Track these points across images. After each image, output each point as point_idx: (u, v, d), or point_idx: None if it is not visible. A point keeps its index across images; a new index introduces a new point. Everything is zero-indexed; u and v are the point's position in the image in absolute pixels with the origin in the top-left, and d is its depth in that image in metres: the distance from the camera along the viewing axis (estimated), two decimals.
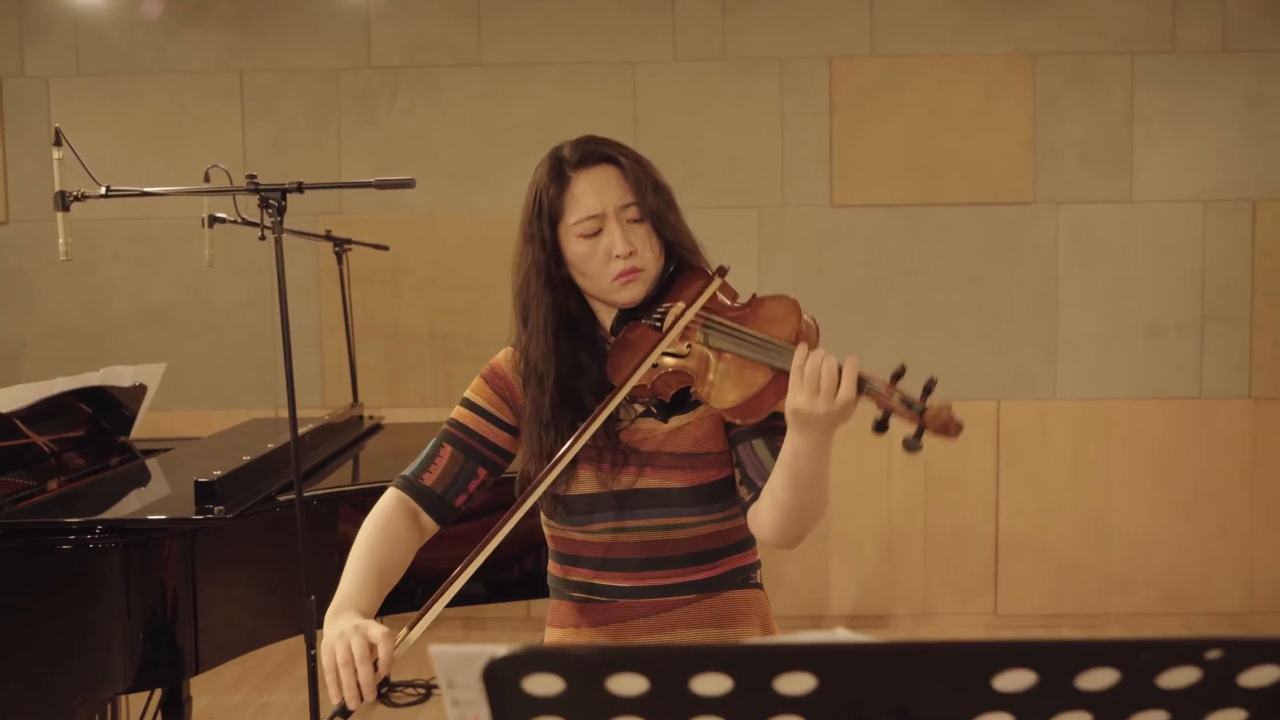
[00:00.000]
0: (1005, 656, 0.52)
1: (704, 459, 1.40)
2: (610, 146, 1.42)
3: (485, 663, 0.52)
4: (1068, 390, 4.13)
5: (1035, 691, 0.54)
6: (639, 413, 1.42)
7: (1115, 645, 0.51)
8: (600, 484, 1.41)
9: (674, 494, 1.40)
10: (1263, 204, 4.09)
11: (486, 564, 1.35)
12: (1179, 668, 0.52)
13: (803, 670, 0.52)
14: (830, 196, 4.09)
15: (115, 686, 1.94)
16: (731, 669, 0.52)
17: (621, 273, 1.38)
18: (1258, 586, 4.15)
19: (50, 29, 4.08)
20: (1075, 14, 4.05)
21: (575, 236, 1.40)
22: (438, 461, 1.49)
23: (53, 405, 2.43)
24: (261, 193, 1.97)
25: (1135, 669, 0.52)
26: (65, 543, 1.93)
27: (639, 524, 1.41)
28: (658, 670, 0.52)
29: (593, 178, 1.40)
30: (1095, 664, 0.52)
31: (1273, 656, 0.52)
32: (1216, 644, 0.51)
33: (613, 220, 1.38)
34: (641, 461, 1.40)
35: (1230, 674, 0.53)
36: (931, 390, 1.14)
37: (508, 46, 4.08)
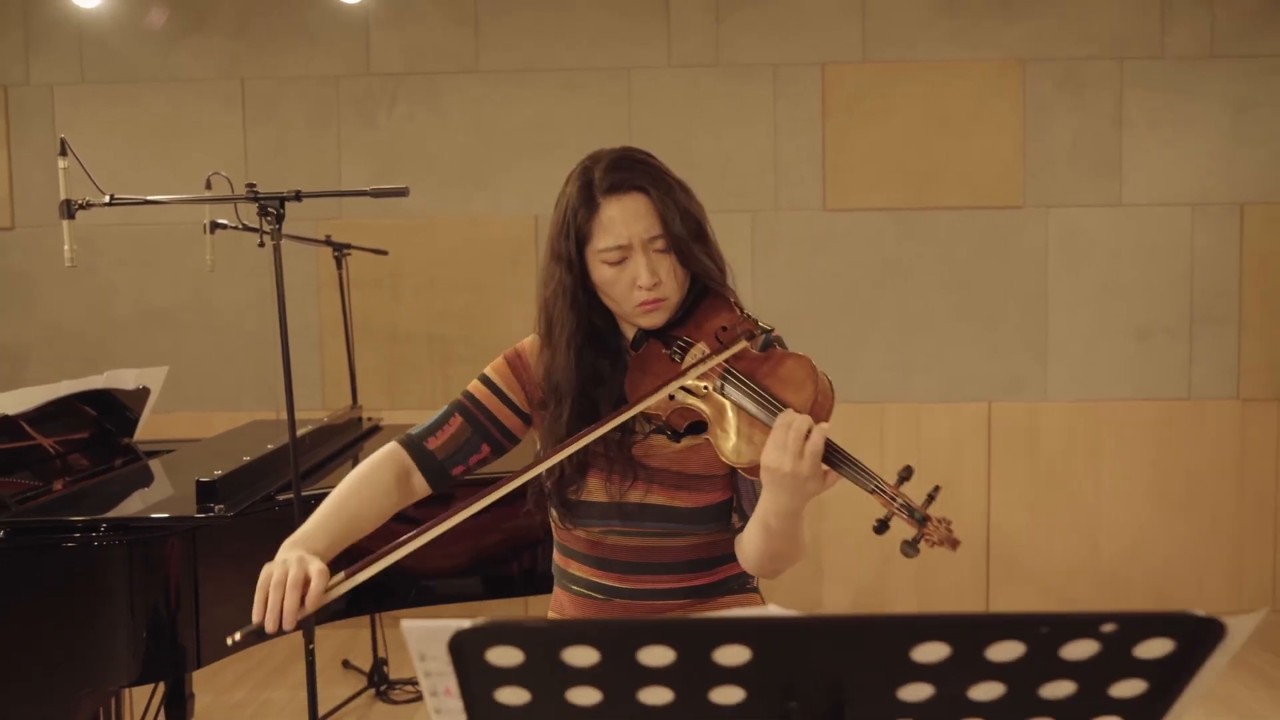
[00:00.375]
0: (919, 630, 0.57)
1: (710, 481, 1.43)
2: (641, 173, 1.40)
3: (450, 635, 0.58)
4: (1058, 392, 4.18)
5: (950, 663, 0.59)
6: (651, 429, 1.45)
7: (1017, 618, 0.57)
8: (608, 495, 1.44)
9: (676, 512, 1.43)
10: (1251, 207, 4.14)
11: (484, 560, 1.39)
12: (1078, 640, 0.58)
13: (738, 643, 0.58)
14: (823, 200, 4.15)
15: (119, 680, 1.99)
16: (673, 641, 0.58)
17: (644, 302, 1.39)
18: (1247, 585, 4.20)
19: (55, 37, 4.15)
20: (1065, 20, 4.11)
21: (601, 262, 1.39)
22: (445, 429, 1.50)
23: (58, 408, 2.49)
24: (261, 201, 2.02)
25: (1038, 641, 0.58)
26: (71, 540, 1.99)
27: (639, 530, 1.45)
28: (607, 642, 0.58)
29: (622, 206, 1.38)
30: (1001, 637, 0.58)
31: (1163, 630, 0.58)
32: (1110, 618, 0.56)
33: (639, 251, 1.37)
34: (649, 477, 1.43)
35: (1126, 646, 0.58)
36: (934, 499, 1.18)
37: (505, 53, 4.14)
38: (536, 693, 0.61)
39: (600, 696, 0.61)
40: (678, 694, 0.61)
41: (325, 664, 3.78)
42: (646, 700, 0.61)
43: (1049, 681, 0.61)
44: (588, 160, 1.44)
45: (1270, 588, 4.20)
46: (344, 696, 3.50)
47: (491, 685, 0.61)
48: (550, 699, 0.62)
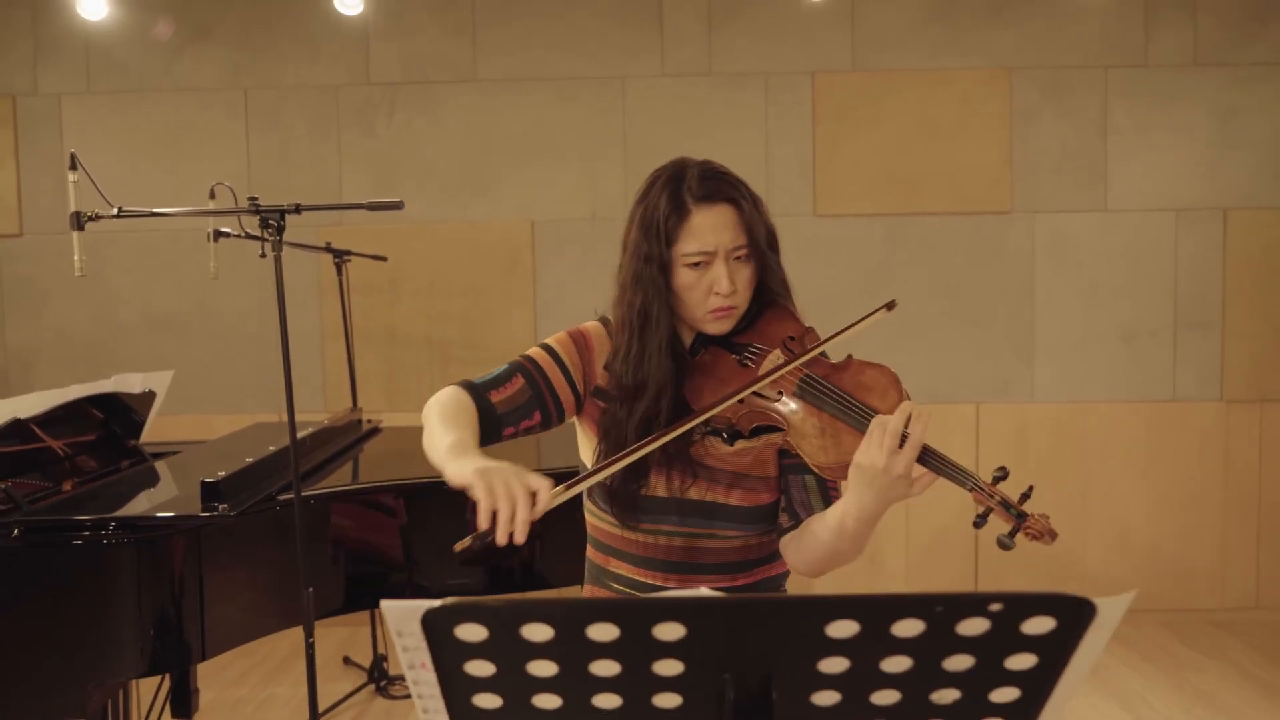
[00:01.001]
0: (831, 609, 0.66)
1: (761, 481, 1.50)
2: (731, 185, 1.46)
3: (423, 613, 0.66)
4: (1045, 394, 4.26)
5: (861, 638, 0.68)
6: (708, 431, 1.50)
7: (915, 599, 0.65)
8: (669, 491, 1.50)
9: (729, 510, 1.49)
10: (1234, 212, 4.22)
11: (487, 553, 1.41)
12: (971, 618, 0.66)
13: (673, 620, 0.66)
14: (814, 206, 4.23)
15: (128, 671, 2.08)
16: (617, 619, 0.66)
17: (717, 309, 1.46)
18: (1231, 584, 4.28)
19: (62, 48, 4.24)
20: (1050, 29, 4.19)
21: (683, 265, 1.45)
22: (508, 386, 1.51)
23: (67, 411, 2.57)
24: (262, 214, 2.11)
25: (936, 619, 0.66)
26: (81, 539, 2.08)
27: (690, 530, 1.51)
28: (559, 620, 0.66)
29: (713, 215, 1.43)
30: (903, 615, 0.66)
31: (1043, 609, 0.66)
32: (997, 598, 0.65)
33: (721, 259, 1.43)
34: (708, 476, 1.50)
35: (1014, 623, 0.67)
36: (1029, 497, 1.27)
37: (502, 63, 4.23)
38: (500, 665, 0.70)
39: (556, 668, 0.70)
40: (624, 665, 0.69)
41: (326, 661, 3.87)
42: (597, 671, 0.70)
43: (950, 655, 0.69)
44: (673, 168, 1.50)
45: (1254, 586, 4.28)
46: (344, 692, 3.59)
47: (461, 658, 0.70)
48: (512, 670, 0.70)
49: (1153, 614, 4.27)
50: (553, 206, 4.25)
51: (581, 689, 0.71)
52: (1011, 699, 0.72)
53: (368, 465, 3.06)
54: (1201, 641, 4.05)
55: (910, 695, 0.72)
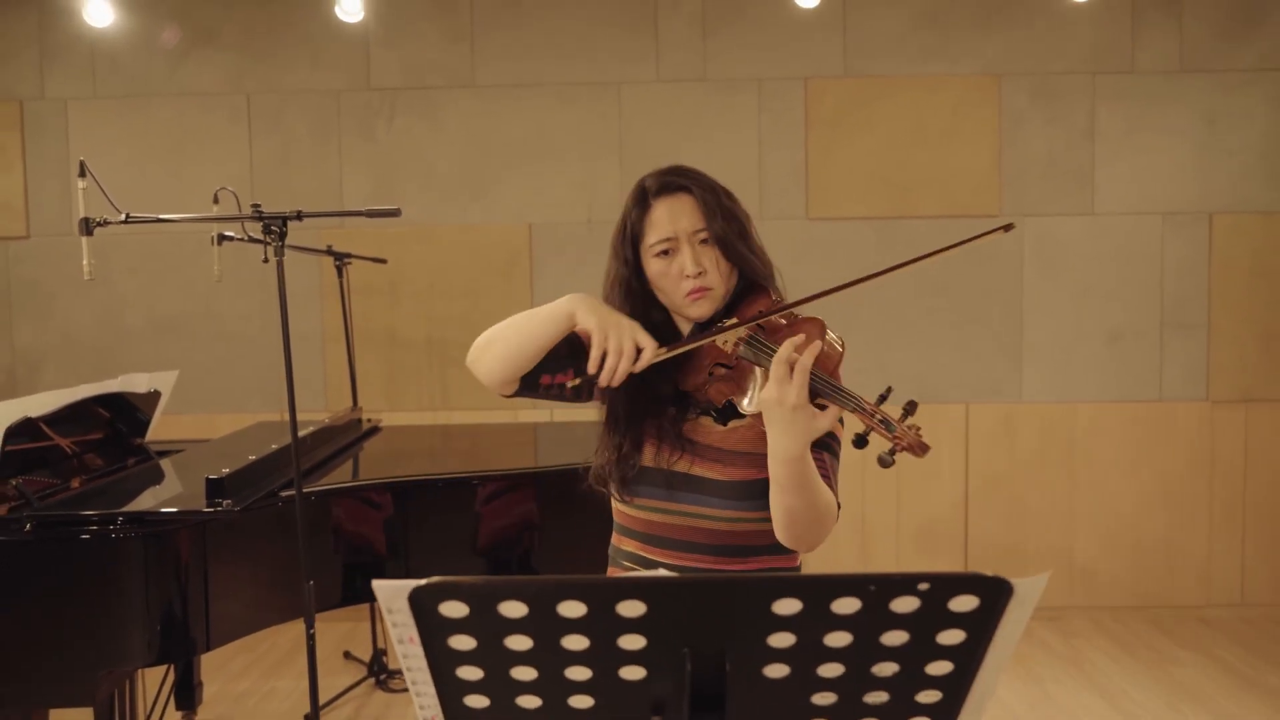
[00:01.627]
0: (774, 588, 0.73)
1: (747, 458, 1.57)
2: (688, 177, 1.58)
3: (410, 591, 0.74)
4: (1033, 394, 4.34)
5: (804, 615, 0.75)
6: (700, 411, 1.60)
7: (849, 578, 0.73)
8: (656, 462, 1.60)
9: (713, 484, 1.57)
10: (1219, 216, 4.29)
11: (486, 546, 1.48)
12: (902, 597, 0.74)
13: (635, 599, 0.74)
14: (806, 210, 4.31)
15: (135, 661, 2.16)
16: (584, 597, 0.74)
17: (691, 290, 1.55)
18: (1216, 581, 4.35)
19: (68, 54, 4.32)
20: (1039, 35, 4.26)
21: (652, 256, 1.56)
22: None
23: (74, 410, 2.64)
24: (264, 220, 2.19)
25: (870, 597, 0.74)
26: (90, 533, 2.16)
27: (680, 508, 1.59)
28: (532, 598, 0.74)
29: (669, 205, 1.56)
30: (840, 594, 0.74)
31: (966, 588, 0.73)
32: (924, 578, 0.72)
33: (685, 243, 1.54)
34: (695, 451, 1.59)
35: (941, 601, 0.74)
36: (911, 413, 1.33)
37: (500, 69, 4.31)
38: (480, 639, 0.77)
39: (531, 642, 0.77)
40: (592, 640, 0.77)
41: (326, 655, 3.94)
42: (568, 645, 0.77)
43: (886, 630, 0.77)
44: (645, 175, 1.63)
45: (1238, 583, 4.35)
46: (345, 685, 3.67)
47: (445, 633, 0.77)
48: (492, 644, 0.78)
49: (1139, 610, 4.34)
50: (550, 210, 4.33)
51: (555, 661, 0.78)
52: (945, 672, 0.80)
53: (368, 463, 3.13)
54: (1187, 637, 4.12)
55: (853, 668, 0.79)
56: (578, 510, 2.76)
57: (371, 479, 2.68)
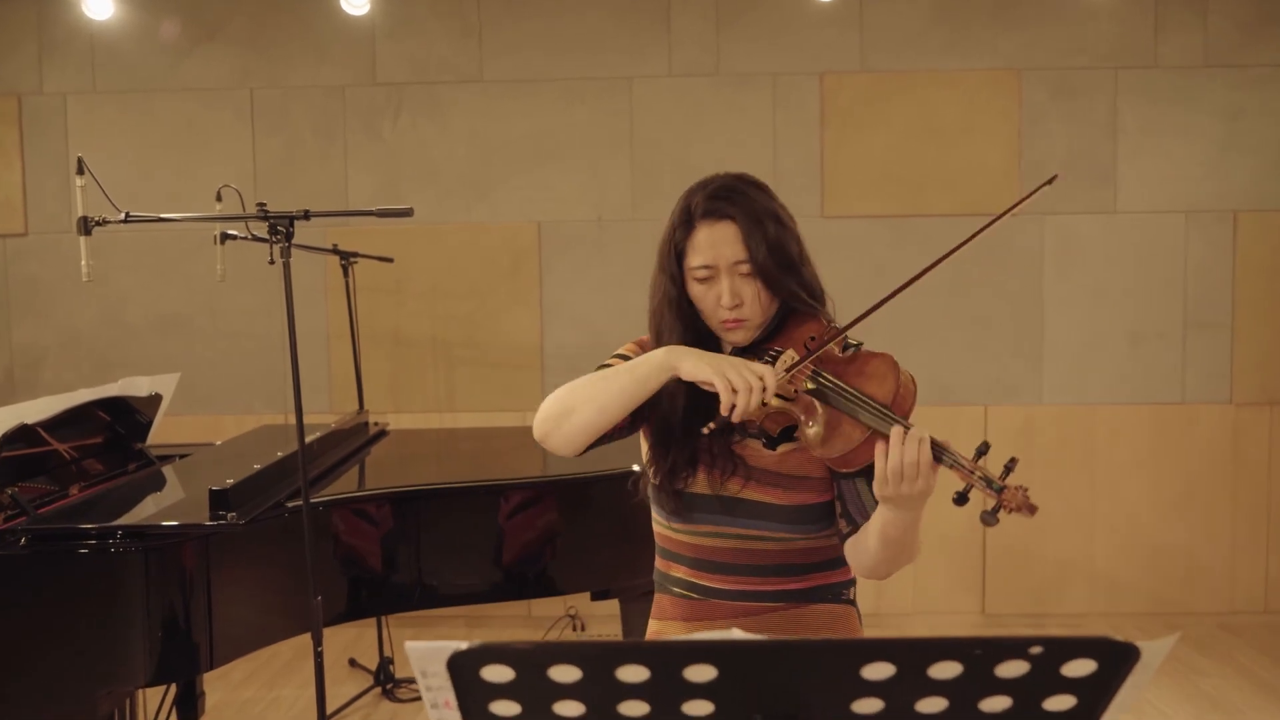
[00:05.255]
0: (866, 652, 0.64)
1: (805, 482, 1.51)
2: (737, 203, 1.50)
3: (449, 655, 0.65)
4: (1053, 395, 4.25)
5: (897, 680, 0.66)
6: (748, 434, 1.54)
7: (954, 642, 0.64)
8: (710, 487, 1.54)
9: (773, 509, 1.52)
10: (1243, 214, 4.20)
11: (504, 560, 1.42)
12: (1010, 661, 0.65)
13: (705, 663, 0.65)
14: (821, 207, 4.21)
15: (136, 680, 2.07)
16: (647, 661, 0.65)
17: (726, 320, 1.51)
18: (1239, 588, 4.26)
19: (68, 47, 4.23)
20: (1059, 30, 4.17)
21: (693, 279, 1.52)
22: None
23: (73, 413, 2.56)
24: (271, 220, 2.10)
25: (974, 661, 0.65)
26: (89, 547, 2.07)
27: (736, 531, 1.54)
28: (588, 662, 0.65)
29: (712, 232, 1.50)
30: (940, 658, 0.65)
31: (1084, 652, 0.65)
32: (1037, 641, 0.63)
33: (724, 273, 1.49)
34: (748, 474, 1.53)
35: (1053, 666, 0.66)
36: (1012, 469, 1.28)
37: (507, 64, 4.21)
38: (526, 705, 0.69)
39: (584, 709, 0.69)
40: (654, 706, 0.68)
41: (332, 663, 3.86)
42: (626, 712, 0.69)
43: (987, 697, 0.68)
44: (697, 185, 1.56)
45: (1262, 590, 4.27)
46: (350, 695, 3.58)
47: (486, 699, 0.68)
48: (539, 710, 0.69)
49: (1160, 617, 4.25)
50: (558, 208, 4.23)
51: None
52: None
53: (376, 470, 3.05)
54: (1210, 645, 4.03)
55: None
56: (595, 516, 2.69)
57: (382, 488, 2.59)
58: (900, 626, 4.25)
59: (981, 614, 4.27)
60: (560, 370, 4.18)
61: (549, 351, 4.21)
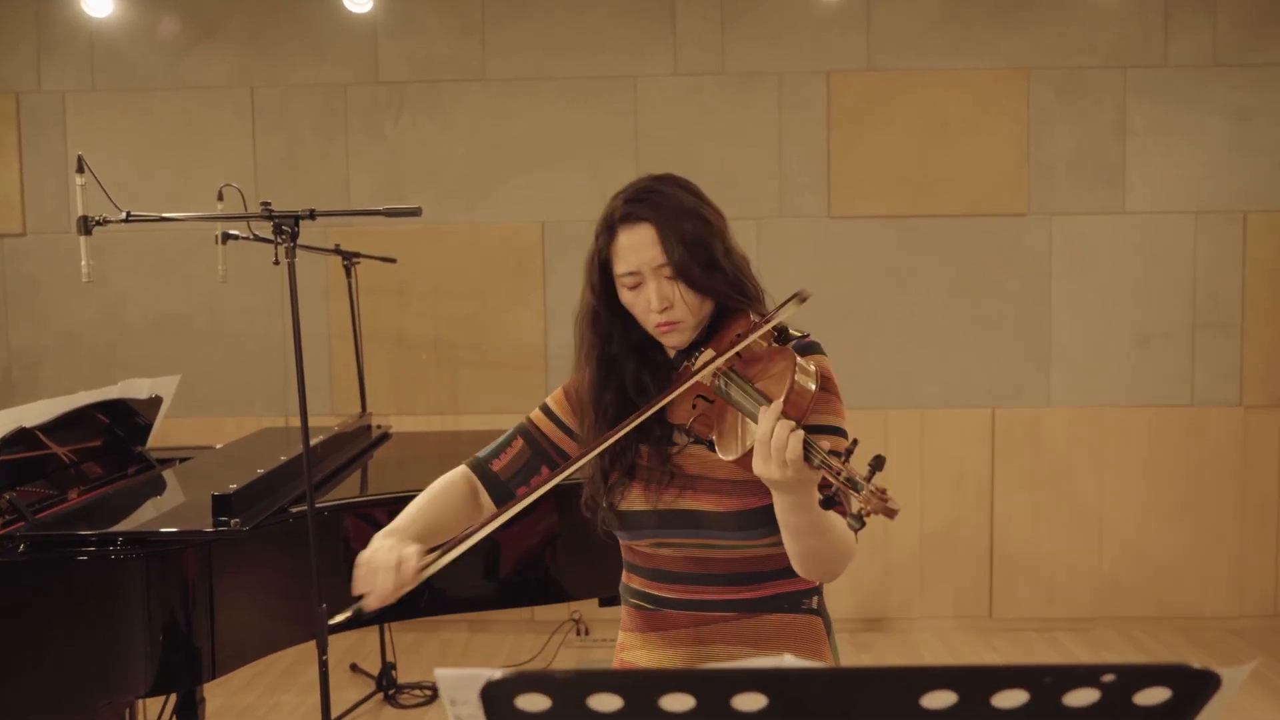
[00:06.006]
0: (929, 680, 0.60)
1: (744, 486, 1.46)
2: (653, 204, 1.46)
3: (483, 684, 0.61)
4: (1061, 398, 4.21)
5: (958, 709, 0.62)
6: (690, 440, 1.51)
7: (1021, 670, 0.60)
8: (647, 502, 1.51)
9: (713, 516, 1.47)
10: (1253, 215, 4.16)
11: (505, 568, 1.41)
12: (1080, 689, 0.61)
13: (755, 691, 0.61)
14: (828, 208, 4.17)
15: (136, 690, 2.03)
16: (694, 689, 0.61)
17: (659, 324, 1.47)
18: (1248, 592, 4.23)
19: (66, 45, 4.18)
20: (1067, 29, 4.13)
21: (623, 287, 1.49)
22: (508, 451, 1.60)
23: (72, 416, 2.52)
24: (276, 219, 2.05)
25: (1042, 690, 0.61)
26: (88, 554, 2.02)
27: (682, 541, 1.50)
28: (630, 690, 0.61)
29: (631, 236, 1.46)
30: (1006, 686, 0.61)
31: (1160, 680, 0.61)
32: (1110, 669, 0.59)
33: (649, 277, 1.45)
34: (684, 484, 1.50)
35: (1126, 695, 0.62)
36: (879, 468, 1.20)
37: (511, 62, 4.17)
38: None
39: None
40: None
41: (333, 668, 3.81)
42: None
43: None
44: (619, 191, 1.52)
45: (1272, 594, 4.23)
46: (353, 701, 3.54)
47: None
48: None
49: (1168, 621, 4.22)
50: (562, 208, 4.19)
51: None
52: None
53: (381, 473, 3.01)
54: (1219, 650, 4.00)
55: None
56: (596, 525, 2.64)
57: (384, 492, 2.55)
58: (905, 631, 4.21)
59: (989, 618, 4.23)
60: (563, 371, 4.11)
61: (552, 353, 4.17)
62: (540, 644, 4.01)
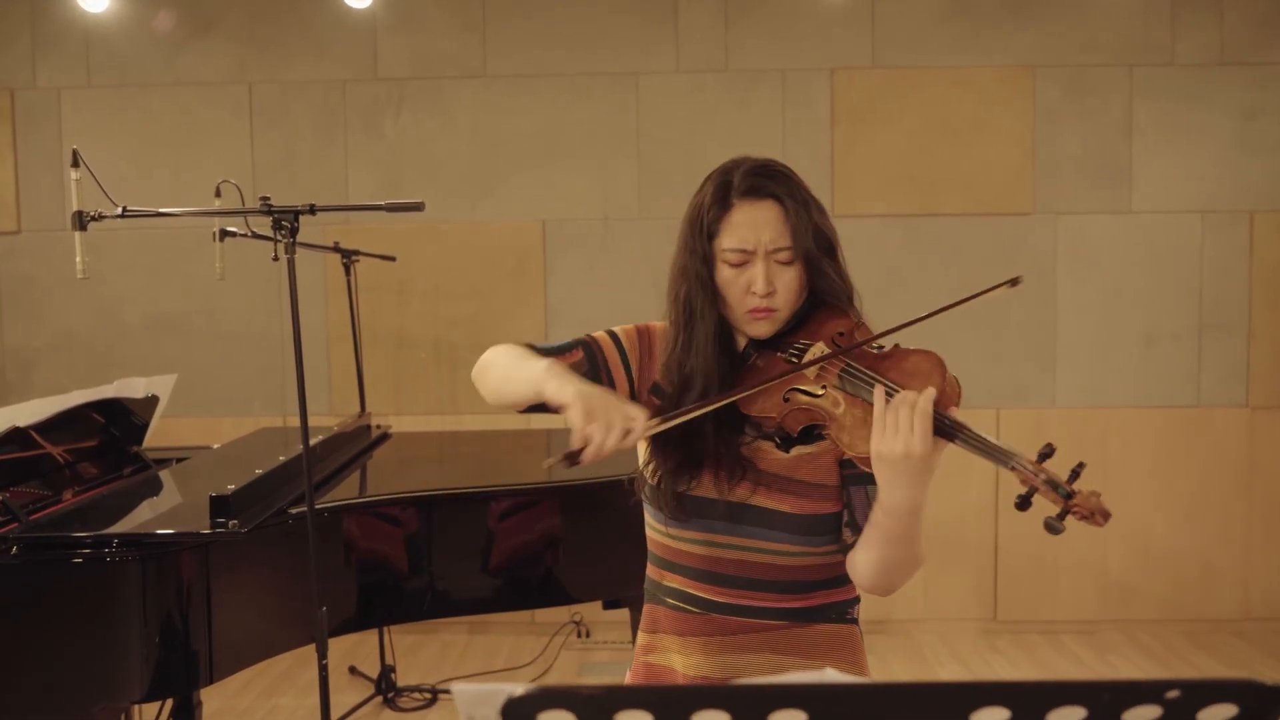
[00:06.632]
0: (980, 696, 0.56)
1: (817, 489, 1.42)
2: (780, 183, 1.41)
3: (504, 701, 0.57)
4: (1066, 399, 4.17)
5: None
6: (760, 434, 1.44)
7: (1078, 686, 0.56)
8: (717, 491, 1.43)
9: (781, 518, 1.42)
10: (1260, 215, 4.13)
11: (503, 567, 1.37)
12: (1141, 706, 0.57)
13: (795, 708, 0.57)
14: (831, 206, 4.10)
15: (132, 695, 1.99)
16: (729, 706, 0.57)
17: (755, 309, 1.40)
18: (1255, 593, 4.19)
19: (61, 41, 4.14)
20: (1074, 27, 4.09)
21: (722, 261, 1.41)
22: (568, 356, 1.48)
23: (66, 416, 2.48)
24: (275, 215, 2.01)
25: (1100, 707, 0.57)
26: (83, 556, 1.98)
27: (742, 542, 1.43)
28: (661, 707, 0.57)
29: (753, 211, 1.39)
30: (1062, 703, 0.57)
31: (1227, 697, 0.57)
32: (1174, 685, 0.55)
33: (761, 258, 1.39)
34: (758, 479, 1.43)
35: (1189, 711, 0.58)
36: (1079, 475, 1.17)
37: (512, 59, 4.13)
38: None
39: None
40: None
41: (332, 670, 3.75)
42: None
43: None
44: (729, 163, 1.45)
45: (1278, 596, 4.19)
46: (351, 704, 3.50)
47: None
48: None
49: (1174, 624, 4.18)
50: (563, 206, 4.15)
51: None
52: None
53: (380, 474, 2.97)
54: (1225, 653, 3.97)
55: None
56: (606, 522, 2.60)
57: (389, 493, 2.51)
58: (910, 633, 4.17)
59: (993, 620, 4.19)
60: None
61: None
62: (541, 646, 3.97)
